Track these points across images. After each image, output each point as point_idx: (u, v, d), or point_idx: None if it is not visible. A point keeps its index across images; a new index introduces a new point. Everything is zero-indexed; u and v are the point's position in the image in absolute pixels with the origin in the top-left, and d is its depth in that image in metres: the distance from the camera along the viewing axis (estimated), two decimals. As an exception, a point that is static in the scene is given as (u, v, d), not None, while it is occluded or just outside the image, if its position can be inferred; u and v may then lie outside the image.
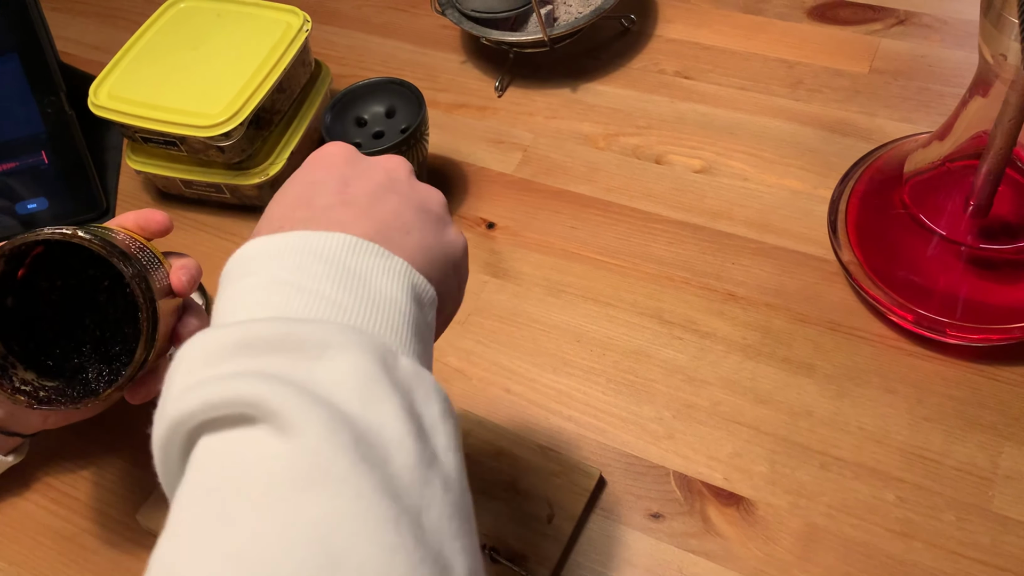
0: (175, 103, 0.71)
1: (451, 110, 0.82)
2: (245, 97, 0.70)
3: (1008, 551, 0.51)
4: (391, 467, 0.28)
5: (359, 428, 0.29)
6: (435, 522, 0.28)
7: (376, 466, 0.28)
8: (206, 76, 0.73)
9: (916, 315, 0.58)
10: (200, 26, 0.77)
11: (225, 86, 0.71)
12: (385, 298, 0.34)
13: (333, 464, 0.27)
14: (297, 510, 0.26)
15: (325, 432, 0.27)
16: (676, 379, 0.61)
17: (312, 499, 0.26)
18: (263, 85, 0.71)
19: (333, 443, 0.27)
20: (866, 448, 0.56)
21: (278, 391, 0.28)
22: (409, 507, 0.28)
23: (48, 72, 0.79)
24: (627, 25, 0.85)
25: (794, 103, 0.76)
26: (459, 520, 0.30)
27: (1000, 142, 0.53)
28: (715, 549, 0.54)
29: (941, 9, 0.81)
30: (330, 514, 0.26)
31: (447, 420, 0.32)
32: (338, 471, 0.27)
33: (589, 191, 0.73)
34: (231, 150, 0.71)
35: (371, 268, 0.35)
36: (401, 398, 0.31)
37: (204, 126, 0.69)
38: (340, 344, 0.31)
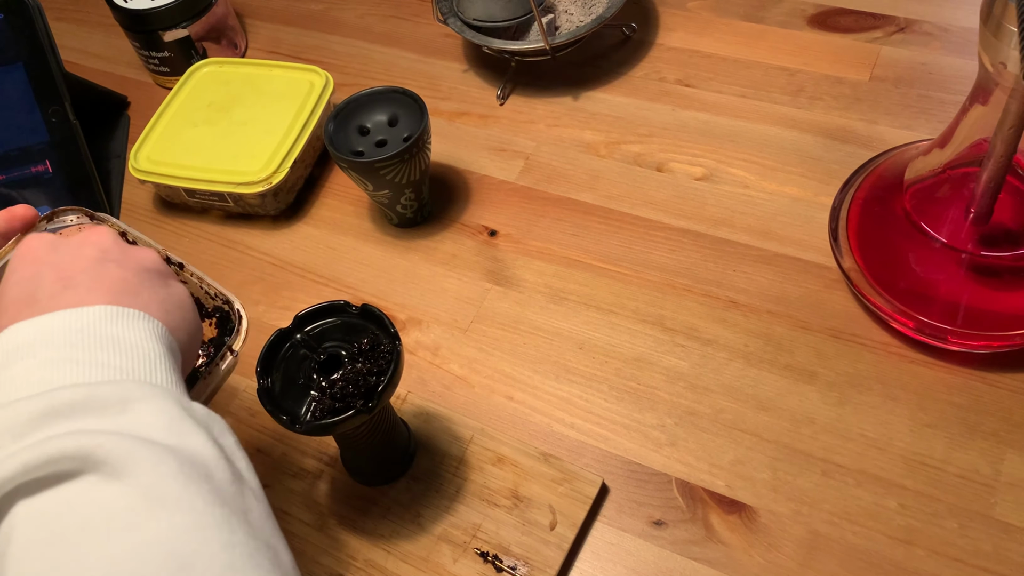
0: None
1: (453, 118, 0.82)
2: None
3: (1010, 558, 0.51)
4: (214, 482, 0.32)
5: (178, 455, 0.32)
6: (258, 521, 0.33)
7: (202, 482, 0.32)
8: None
9: (917, 322, 0.58)
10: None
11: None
12: (152, 355, 0.38)
13: (166, 488, 0.30)
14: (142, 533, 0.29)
15: (151, 465, 0.31)
16: (678, 386, 0.61)
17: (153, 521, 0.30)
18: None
19: (161, 472, 0.31)
20: (868, 455, 0.56)
21: (101, 441, 0.31)
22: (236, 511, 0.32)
23: (53, 82, 0.80)
24: (628, 33, 0.86)
25: (795, 111, 0.76)
26: (273, 522, 0.34)
27: (1000, 149, 0.53)
28: (717, 556, 0.54)
29: (942, 17, 0.81)
30: (173, 528, 0.30)
31: (240, 449, 0.37)
32: (171, 492, 0.30)
33: (591, 199, 0.73)
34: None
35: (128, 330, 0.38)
36: (206, 431, 0.35)
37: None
38: (140, 397, 0.34)
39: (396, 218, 0.74)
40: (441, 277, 0.70)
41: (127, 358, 0.36)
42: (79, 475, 0.30)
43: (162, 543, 0.29)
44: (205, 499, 0.31)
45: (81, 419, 0.33)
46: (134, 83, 0.93)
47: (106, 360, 0.36)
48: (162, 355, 0.38)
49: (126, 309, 0.38)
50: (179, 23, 0.86)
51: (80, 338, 0.36)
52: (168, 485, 0.31)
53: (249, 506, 0.33)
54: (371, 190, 0.70)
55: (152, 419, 0.34)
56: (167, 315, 0.41)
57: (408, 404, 0.62)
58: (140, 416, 0.33)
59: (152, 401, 0.34)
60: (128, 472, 0.30)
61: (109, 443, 0.31)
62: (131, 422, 0.33)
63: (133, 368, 0.36)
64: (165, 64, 0.89)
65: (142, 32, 0.86)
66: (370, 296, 0.71)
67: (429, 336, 0.67)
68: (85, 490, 0.30)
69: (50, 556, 0.29)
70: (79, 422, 0.32)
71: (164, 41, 0.87)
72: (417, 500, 0.57)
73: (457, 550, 0.55)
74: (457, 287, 0.70)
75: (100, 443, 0.31)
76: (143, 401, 0.34)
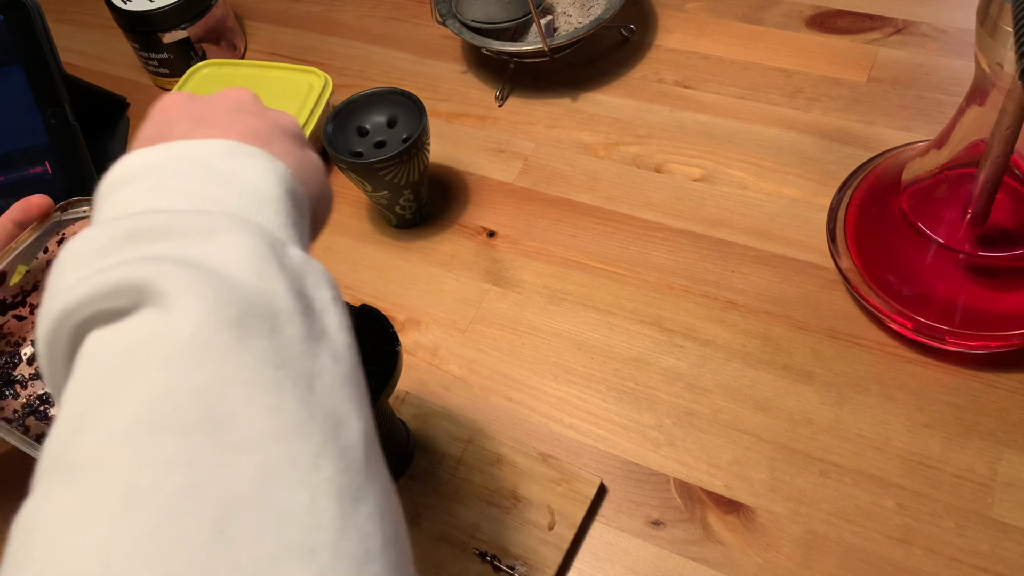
0: None
1: (452, 120, 0.83)
2: None
3: (1008, 557, 0.51)
4: (280, 338, 0.29)
5: (248, 299, 0.29)
6: (327, 387, 0.29)
7: (262, 338, 0.28)
8: None
9: (915, 322, 0.59)
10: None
11: None
12: (266, 193, 0.35)
13: (216, 336, 0.27)
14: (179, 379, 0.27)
15: (209, 307, 0.28)
16: (676, 387, 0.61)
17: (195, 369, 0.27)
18: None
19: (218, 317, 0.28)
20: (866, 455, 0.56)
21: (164, 270, 0.28)
22: (297, 374, 0.29)
23: (52, 83, 0.80)
24: (627, 35, 0.86)
25: (793, 112, 0.76)
26: (351, 388, 0.31)
27: (997, 150, 0.53)
28: (716, 556, 0.54)
29: (939, 18, 0.81)
30: (214, 380, 0.27)
31: (337, 304, 0.33)
32: (221, 343, 0.27)
33: (589, 200, 0.74)
34: None
35: (246, 167, 0.36)
36: (291, 280, 0.31)
37: None
38: (228, 229, 0.31)
39: (395, 219, 0.74)
40: (440, 278, 0.71)
41: (235, 193, 0.34)
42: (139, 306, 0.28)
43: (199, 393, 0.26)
44: (257, 356, 0.28)
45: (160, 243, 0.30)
46: (133, 84, 0.94)
47: (212, 192, 0.34)
48: (277, 196, 0.35)
49: (249, 146, 0.36)
50: (178, 25, 0.86)
51: (192, 167, 0.35)
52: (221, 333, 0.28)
53: (318, 370, 0.30)
54: (370, 191, 0.70)
55: (233, 254, 0.30)
56: (298, 168, 0.38)
57: (407, 405, 0.62)
58: (221, 249, 0.30)
59: (239, 235, 0.31)
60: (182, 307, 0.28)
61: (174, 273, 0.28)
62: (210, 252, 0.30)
63: (239, 204, 0.34)
64: (164, 65, 0.89)
65: (141, 33, 0.87)
66: (369, 297, 0.71)
67: (428, 337, 0.67)
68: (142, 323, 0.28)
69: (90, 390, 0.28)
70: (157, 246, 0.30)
71: (163, 42, 0.87)
72: (416, 500, 0.57)
73: (456, 550, 0.55)
74: (456, 288, 0.70)
75: (164, 271, 0.28)
76: (230, 234, 0.31)
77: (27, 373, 0.57)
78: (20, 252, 0.54)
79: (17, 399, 0.56)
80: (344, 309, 0.34)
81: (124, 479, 0.24)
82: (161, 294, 0.28)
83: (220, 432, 0.26)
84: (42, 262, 0.57)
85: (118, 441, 0.25)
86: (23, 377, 0.57)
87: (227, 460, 0.25)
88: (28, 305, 0.58)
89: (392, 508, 0.29)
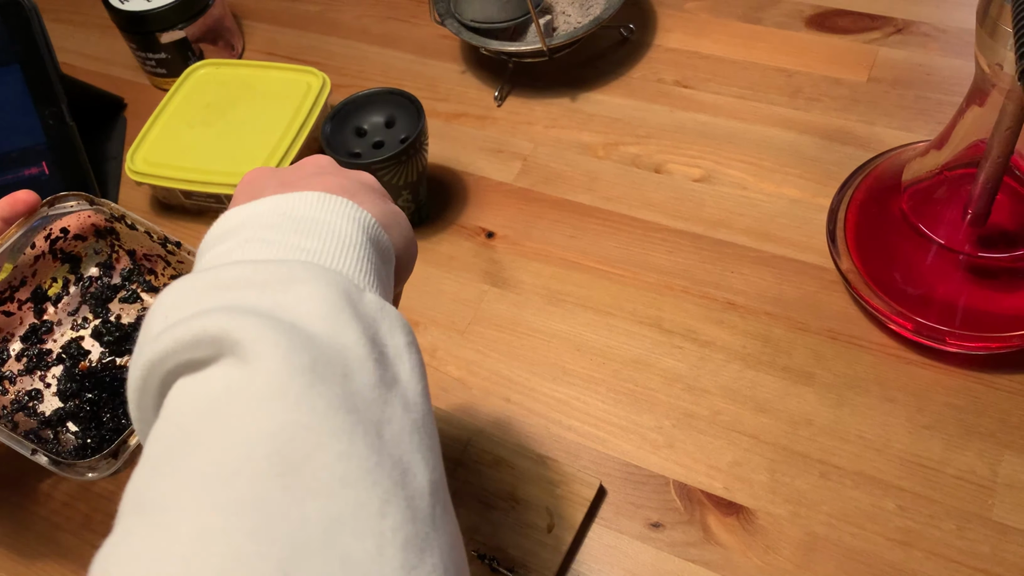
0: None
1: (451, 120, 0.82)
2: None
3: (1008, 559, 0.51)
4: (351, 384, 0.30)
5: (320, 347, 0.30)
6: (396, 435, 0.30)
7: (334, 384, 0.29)
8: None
9: (915, 324, 0.58)
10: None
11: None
12: (348, 240, 0.36)
13: (290, 383, 0.28)
14: (254, 425, 0.28)
15: (283, 355, 0.29)
16: (676, 388, 0.61)
17: (268, 415, 0.28)
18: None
19: (291, 364, 0.29)
20: (866, 457, 0.56)
21: (240, 322, 0.29)
22: (367, 420, 0.29)
23: (49, 83, 0.80)
24: (626, 35, 0.86)
25: (793, 112, 0.76)
26: (420, 436, 0.31)
27: (997, 151, 0.53)
28: (715, 558, 0.54)
29: (939, 18, 0.81)
30: (286, 427, 0.28)
31: (411, 350, 0.34)
32: (294, 389, 0.28)
33: (589, 200, 0.73)
34: None
35: (332, 214, 0.37)
36: (365, 327, 0.32)
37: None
38: (306, 278, 0.33)
39: (393, 220, 0.74)
40: (438, 279, 0.70)
41: (319, 240, 0.35)
42: (219, 357, 0.29)
43: (272, 439, 0.27)
44: (330, 402, 0.29)
45: (239, 294, 0.32)
46: (131, 85, 0.93)
47: (297, 241, 0.35)
48: (360, 243, 0.36)
49: (334, 196, 0.37)
50: (176, 25, 0.86)
51: (282, 220, 0.36)
52: (294, 379, 0.28)
53: (389, 416, 0.30)
54: (368, 192, 0.70)
55: (309, 304, 0.32)
56: (382, 215, 0.39)
57: (405, 406, 0.62)
58: (297, 298, 0.32)
59: (315, 284, 0.32)
60: (258, 358, 0.29)
61: (249, 324, 0.29)
62: (286, 302, 0.31)
63: (321, 250, 0.35)
64: (162, 65, 0.89)
65: (139, 34, 0.86)
66: (367, 298, 0.70)
67: (426, 338, 0.67)
68: (221, 373, 0.29)
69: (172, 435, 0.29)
70: (236, 297, 0.32)
71: (161, 43, 0.87)
72: (414, 502, 0.57)
73: (454, 552, 0.55)
74: (454, 289, 0.70)
75: (241, 323, 0.29)
76: (306, 283, 0.32)
77: (15, 369, 0.57)
78: (6, 248, 0.54)
79: (5, 395, 0.56)
80: (419, 356, 0.34)
81: (197, 521, 0.25)
82: (238, 345, 0.29)
83: (290, 476, 0.27)
84: (29, 258, 0.57)
85: (194, 485, 0.26)
86: (11, 373, 0.57)
87: (296, 504, 0.26)
88: (16, 301, 0.58)
89: (457, 560, 0.30)
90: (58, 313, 0.59)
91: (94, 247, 0.60)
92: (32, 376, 0.57)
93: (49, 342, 0.58)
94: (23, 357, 0.57)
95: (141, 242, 0.58)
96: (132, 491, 0.28)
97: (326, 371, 0.29)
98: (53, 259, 0.59)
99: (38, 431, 0.54)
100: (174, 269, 0.58)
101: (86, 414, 0.55)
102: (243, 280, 0.32)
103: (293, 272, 0.33)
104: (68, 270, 0.60)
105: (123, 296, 0.60)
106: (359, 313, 0.32)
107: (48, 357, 0.58)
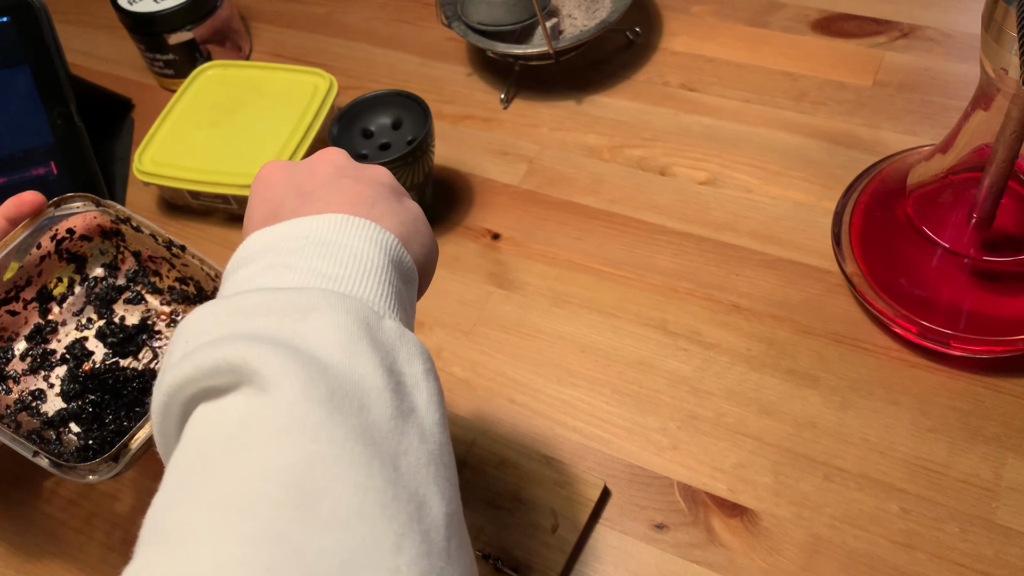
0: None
1: (457, 122, 0.83)
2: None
3: (1012, 563, 0.51)
4: (368, 415, 0.30)
5: (338, 379, 0.30)
6: (412, 467, 0.30)
7: (351, 415, 0.29)
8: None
9: (920, 327, 0.58)
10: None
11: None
12: (370, 264, 0.36)
13: (308, 414, 0.28)
14: (273, 456, 0.28)
15: (301, 385, 0.29)
16: (680, 390, 0.61)
17: (287, 446, 0.28)
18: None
19: (309, 395, 0.29)
20: (870, 459, 0.56)
21: (259, 351, 0.30)
22: (384, 452, 0.29)
23: (58, 84, 0.80)
24: (632, 38, 0.86)
25: (798, 115, 0.76)
26: (436, 467, 0.31)
27: (1002, 155, 0.53)
28: (719, 560, 0.54)
29: (945, 22, 0.81)
30: (305, 458, 0.28)
31: (429, 379, 0.34)
32: (313, 420, 0.28)
33: (594, 202, 0.74)
34: None
35: (353, 237, 0.37)
36: (382, 356, 0.32)
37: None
38: (324, 307, 0.33)
39: (399, 221, 0.74)
40: (444, 280, 0.71)
41: (341, 266, 0.35)
42: (239, 385, 0.30)
43: (290, 471, 0.27)
44: (348, 433, 0.29)
45: (259, 321, 0.32)
46: (139, 85, 0.94)
47: (318, 267, 0.35)
48: (382, 266, 0.36)
49: (355, 218, 0.37)
50: (184, 26, 0.86)
51: (303, 244, 0.36)
52: (312, 410, 0.28)
53: (405, 448, 0.30)
54: (375, 193, 0.70)
55: (326, 333, 0.32)
56: (401, 226, 0.39)
57: (411, 406, 0.62)
58: (316, 327, 0.32)
59: (333, 314, 0.32)
60: (276, 388, 0.29)
61: (267, 354, 0.29)
62: (304, 331, 0.32)
63: (342, 276, 0.35)
64: (170, 67, 0.89)
65: (147, 35, 0.87)
66: (373, 299, 0.71)
67: (432, 339, 0.67)
68: (240, 402, 0.29)
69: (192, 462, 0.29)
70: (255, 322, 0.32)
71: (169, 44, 0.87)
72: (419, 502, 0.57)
73: (459, 552, 0.55)
74: (460, 290, 0.70)
75: (259, 354, 0.29)
76: (324, 312, 0.32)
77: (19, 369, 0.57)
78: (13, 248, 0.55)
79: (9, 395, 0.56)
80: (437, 383, 0.34)
81: (216, 552, 0.25)
82: (257, 374, 0.29)
83: (308, 509, 0.27)
84: (35, 258, 0.58)
85: (213, 514, 0.27)
86: (15, 373, 0.57)
87: (313, 537, 0.26)
88: (21, 300, 0.58)
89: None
90: (63, 313, 0.59)
91: (100, 248, 0.60)
92: (36, 376, 0.57)
93: (53, 342, 0.58)
94: (27, 357, 0.58)
95: (146, 244, 0.59)
96: (152, 518, 0.28)
97: (343, 402, 0.29)
98: (59, 259, 0.59)
99: (41, 431, 0.54)
100: (179, 272, 0.59)
101: (88, 415, 0.55)
102: (263, 308, 0.32)
103: (312, 300, 0.33)
104: (73, 270, 0.60)
105: (128, 297, 0.60)
106: (377, 342, 0.32)
107: (52, 357, 0.58)
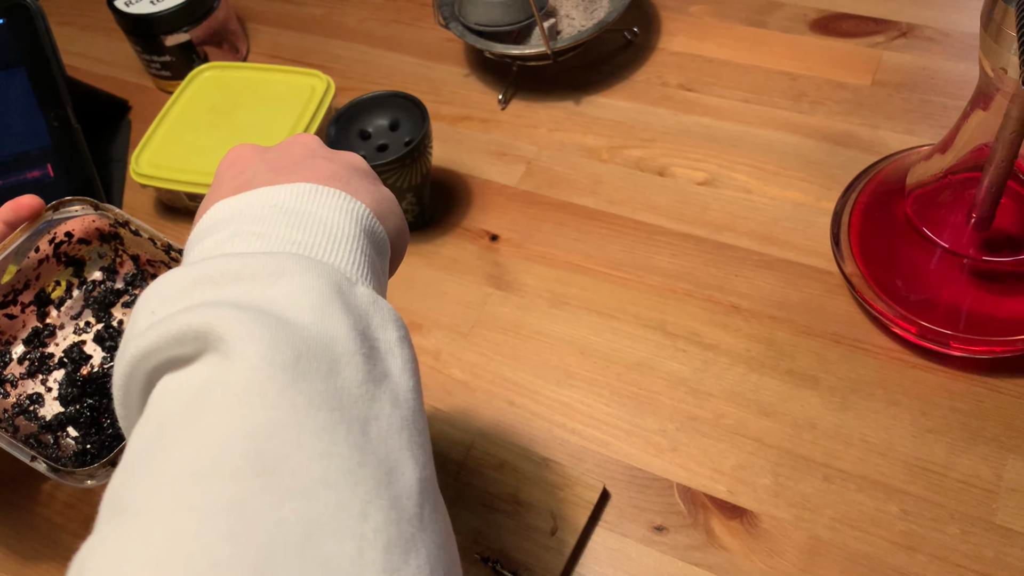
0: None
1: (455, 123, 0.82)
2: None
3: (1012, 564, 0.51)
4: (337, 380, 0.29)
5: (306, 341, 0.29)
6: (383, 432, 0.29)
7: (318, 380, 0.28)
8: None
9: (919, 327, 0.58)
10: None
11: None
12: (341, 232, 0.35)
13: (270, 380, 0.28)
14: (232, 423, 0.27)
15: (264, 350, 0.28)
16: (680, 391, 0.61)
17: (246, 413, 0.27)
18: None
19: (272, 360, 0.28)
20: (870, 460, 0.56)
21: (225, 316, 0.29)
22: (352, 417, 0.28)
23: (55, 86, 0.80)
24: (630, 38, 0.86)
25: (797, 115, 0.76)
26: (410, 433, 0.30)
27: (1001, 155, 0.53)
28: (719, 562, 0.54)
29: (943, 22, 0.81)
30: (265, 425, 0.27)
31: (404, 345, 0.33)
32: (274, 386, 0.28)
33: (592, 203, 0.73)
34: None
35: (322, 207, 0.36)
36: (355, 320, 0.31)
37: None
38: (295, 271, 0.32)
39: (397, 222, 0.74)
40: (442, 281, 0.70)
41: (311, 233, 0.34)
42: (203, 353, 0.29)
43: (249, 438, 0.26)
44: (311, 399, 0.28)
45: (226, 288, 0.31)
46: (136, 87, 0.94)
47: (288, 234, 0.34)
48: (354, 235, 0.36)
49: (326, 187, 0.37)
50: (181, 27, 0.86)
51: (272, 212, 0.35)
52: (275, 376, 0.28)
53: (375, 413, 0.29)
54: (372, 194, 0.70)
55: (295, 296, 0.31)
56: (376, 203, 0.39)
57: (409, 409, 0.62)
58: (285, 291, 0.31)
59: (304, 277, 0.31)
60: (239, 354, 0.28)
61: (233, 319, 0.28)
62: (273, 295, 0.31)
63: (312, 243, 0.34)
64: (167, 68, 0.89)
65: (144, 36, 0.87)
66: (371, 300, 0.70)
67: (430, 341, 0.67)
68: (203, 370, 0.28)
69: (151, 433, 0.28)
70: (223, 291, 0.31)
71: (166, 45, 0.87)
72: (418, 505, 0.57)
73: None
74: (458, 292, 0.70)
75: (225, 317, 0.28)
76: (295, 276, 0.31)
77: (17, 372, 0.57)
78: (11, 252, 0.55)
79: (7, 399, 0.56)
80: (411, 351, 0.33)
81: (171, 524, 0.25)
82: (221, 340, 0.28)
83: (267, 477, 0.26)
84: (33, 261, 0.57)
85: (169, 485, 0.26)
86: (13, 376, 0.57)
87: (273, 506, 0.25)
88: (19, 304, 0.58)
89: (445, 561, 0.29)
90: (61, 317, 0.59)
91: (98, 251, 0.60)
92: (34, 380, 0.57)
93: (51, 346, 0.58)
94: (25, 360, 0.57)
95: (145, 248, 0.58)
96: (110, 492, 0.27)
97: (310, 367, 0.28)
98: (57, 263, 0.59)
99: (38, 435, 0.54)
100: None
101: (86, 419, 0.55)
102: (231, 274, 0.31)
103: (282, 265, 0.32)
104: (71, 273, 0.60)
105: (126, 301, 0.60)
106: (350, 306, 0.32)
107: (50, 361, 0.58)
